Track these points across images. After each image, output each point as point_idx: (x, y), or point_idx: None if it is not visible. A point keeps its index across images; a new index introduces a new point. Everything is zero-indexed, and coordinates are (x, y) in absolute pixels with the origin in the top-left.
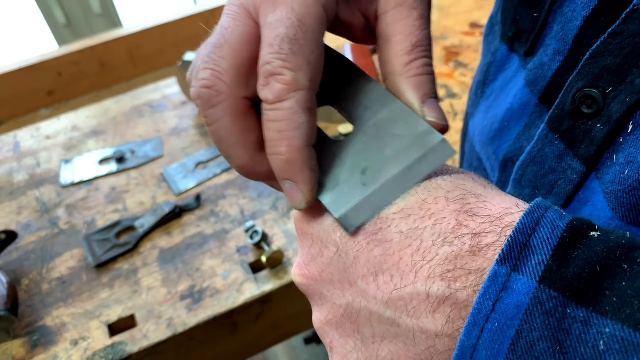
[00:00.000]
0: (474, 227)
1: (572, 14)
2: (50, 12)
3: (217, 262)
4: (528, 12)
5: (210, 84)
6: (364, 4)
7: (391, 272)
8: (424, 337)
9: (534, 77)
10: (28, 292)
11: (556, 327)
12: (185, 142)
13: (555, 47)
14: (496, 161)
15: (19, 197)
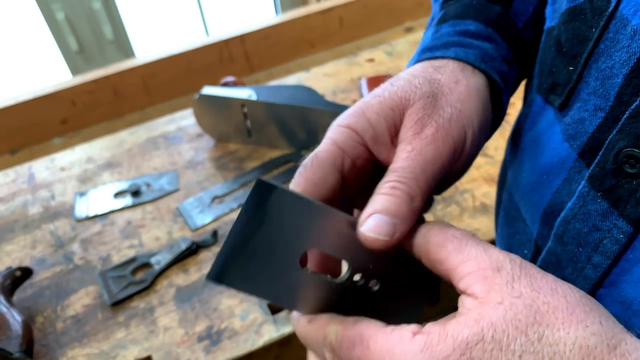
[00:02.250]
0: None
1: (610, 70)
2: (63, 38)
3: (235, 301)
4: (564, 65)
5: None
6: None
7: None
8: None
9: (574, 131)
10: (42, 330)
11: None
12: (201, 175)
13: (596, 102)
14: (537, 214)
15: (33, 231)
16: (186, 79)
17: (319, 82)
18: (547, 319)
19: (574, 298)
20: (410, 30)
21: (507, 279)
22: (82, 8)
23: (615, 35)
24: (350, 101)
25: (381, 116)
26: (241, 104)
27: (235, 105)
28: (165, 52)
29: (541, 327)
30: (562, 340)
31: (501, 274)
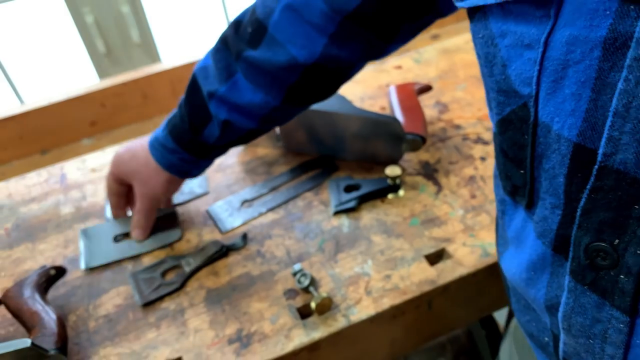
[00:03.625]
0: None
1: (552, 170)
2: (91, 41)
3: (265, 305)
4: (516, 170)
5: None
6: None
7: None
8: None
9: (542, 229)
10: (75, 329)
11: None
12: (230, 178)
13: (551, 201)
14: (540, 307)
15: (65, 230)
16: None
17: (347, 89)
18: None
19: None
20: (437, 37)
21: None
22: (111, 12)
23: (545, 140)
24: (378, 107)
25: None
26: None
27: None
28: (194, 56)
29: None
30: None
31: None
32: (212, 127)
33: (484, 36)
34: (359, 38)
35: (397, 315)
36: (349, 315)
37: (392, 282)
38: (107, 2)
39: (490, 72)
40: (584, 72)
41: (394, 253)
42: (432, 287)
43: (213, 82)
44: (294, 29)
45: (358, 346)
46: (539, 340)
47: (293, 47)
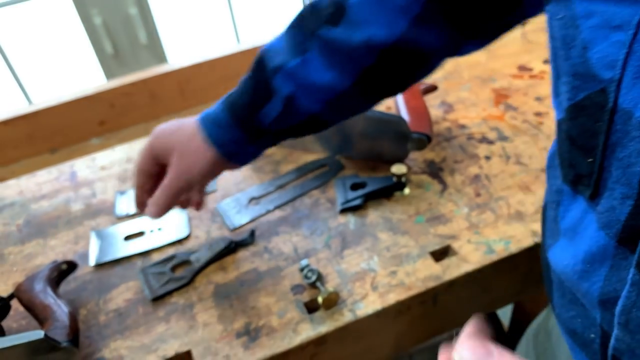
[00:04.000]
0: None
1: (628, 159)
2: (99, 42)
3: (272, 300)
4: (583, 158)
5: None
6: None
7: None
8: None
9: (607, 220)
10: (86, 322)
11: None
12: (237, 177)
13: (622, 191)
14: (592, 301)
15: (75, 227)
16: (220, 84)
17: None
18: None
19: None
20: None
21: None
22: (119, 13)
23: (624, 127)
24: (384, 107)
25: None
26: None
27: None
28: (201, 57)
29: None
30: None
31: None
32: (273, 104)
33: (564, 17)
34: (439, 26)
35: (403, 311)
36: (355, 310)
37: (397, 278)
38: (115, 4)
39: (567, 54)
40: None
41: (399, 250)
42: (437, 283)
43: (282, 57)
44: (376, 8)
45: (364, 341)
46: (582, 337)
47: (373, 27)
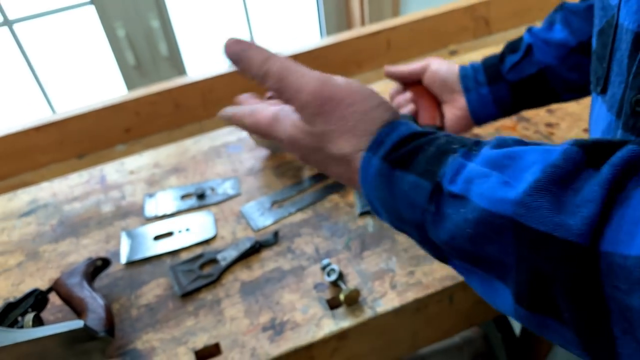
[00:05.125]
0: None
1: (621, 57)
2: (122, 54)
3: (296, 296)
4: (599, 65)
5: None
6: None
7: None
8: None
9: (611, 103)
10: (119, 316)
11: (389, 182)
12: (261, 182)
13: (619, 79)
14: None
15: (106, 227)
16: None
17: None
18: (326, 139)
19: (349, 125)
20: (455, 53)
21: (309, 115)
22: (142, 26)
23: (620, 36)
24: None
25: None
26: None
27: None
28: (223, 69)
29: (322, 144)
30: (331, 150)
31: (305, 110)
32: (517, 54)
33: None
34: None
35: (420, 309)
36: (375, 307)
37: (415, 277)
38: (138, 17)
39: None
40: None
41: (417, 251)
42: (453, 283)
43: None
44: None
45: (383, 337)
46: None
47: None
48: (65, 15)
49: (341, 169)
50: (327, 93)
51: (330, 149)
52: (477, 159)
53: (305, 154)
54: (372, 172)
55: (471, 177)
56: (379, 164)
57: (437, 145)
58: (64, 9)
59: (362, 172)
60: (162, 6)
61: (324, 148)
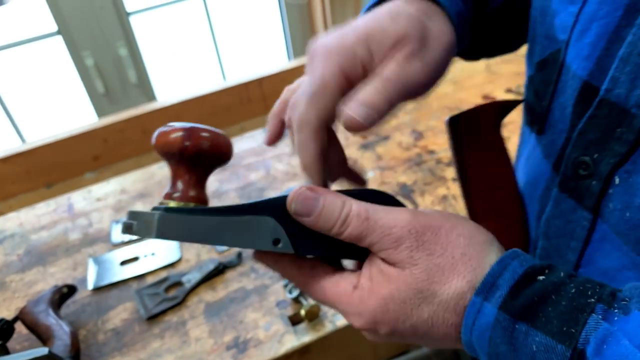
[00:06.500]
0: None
1: (565, 102)
2: (91, 82)
3: (259, 314)
4: (538, 102)
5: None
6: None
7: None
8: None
9: (548, 151)
10: (85, 342)
11: (509, 336)
12: (225, 204)
13: (560, 127)
14: (533, 216)
15: (74, 254)
16: (209, 119)
17: None
18: (436, 278)
19: (458, 254)
20: None
21: (407, 251)
22: (110, 54)
23: (565, 78)
24: (362, 136)
25: (382, 46)
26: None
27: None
28: (190, 94)
29: (432, 285)
30: (445, 292)
31: (402, 247)
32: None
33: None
34: None
35: None
36: (335, 321)
37: None
38: (106, 46)
39: (542, 21)
40: (604, 27)
41: None
42: None
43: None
44: None
45: (345, 350)
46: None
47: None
48: (33, 46)
49: (451, 319)
50: (423, 221)
51: (441, 292)
52: (626, 324)
53: (401, 319)
54: (485, 322)
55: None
56: (496, 314)
57: (568, 297)
58: (31, 40)
59: (469, 320)
60: (129, 34)
61: (432, 295)
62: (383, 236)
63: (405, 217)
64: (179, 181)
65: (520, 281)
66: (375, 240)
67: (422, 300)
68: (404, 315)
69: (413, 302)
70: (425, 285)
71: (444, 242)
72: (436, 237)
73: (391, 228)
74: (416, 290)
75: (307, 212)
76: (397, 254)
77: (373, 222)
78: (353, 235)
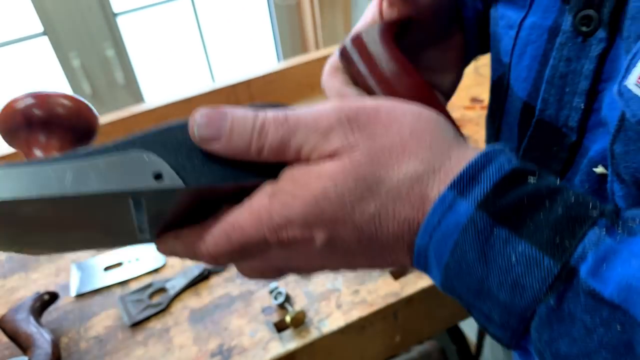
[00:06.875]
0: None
1: (511, 122)
2: (78, 84)
3: (244, 321)
4: (492, 123)
5: None
6: None
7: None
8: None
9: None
10: (67, 350)
11: (484, 242)
12: None
13: (511, 146)
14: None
15: (56, 260)
16: None
17: None
18: (383, 161)
19: (406, 132)
20: None
21: (341, 137)
22: (97, 55)
23: (511, 99)
24: None
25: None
26: None
27: None
28: (178, 96)
29: (377, 170)
30: (394, 176)
31: (332, 135)
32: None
33: (494, 17)
34: None
35: (366, 326)
36: (321, 327)
37: (360, 296)
38: (93, 47)
39: (494, 45)
40: (536, 50)
41: None
42: (397, 299)
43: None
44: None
45: (331, 357)
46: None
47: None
48: (19, 47)
49: (403, 212)
50: (354, 106)
51: (389, 177)
52: (633, 245)
53: (341, 219)
54: (455, 222)
55: (638, 288)
56: (472, 213)
57: (565, 206)
58: (16, 41)
59: (434, 218)
60: (117, 35)
61: (378, 182)
62: (309, 133)
63: (331, 106)
64: (35, 149)
65: (509, 178)
66: (300, 141)
67: (365, 191)
68: (344, 214)
69: (354, 195)
70: (367, 171)
71: (386, 122)
72: (375, 118)
73: (317, 121)
74: (357, 180)
75: (215, 135)
76: (329, 145)
77: (294, 121)
78: (275, 146)
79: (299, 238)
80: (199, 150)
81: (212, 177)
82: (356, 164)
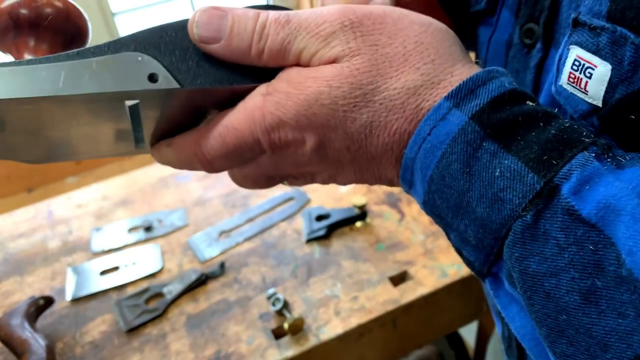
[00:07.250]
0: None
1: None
2: None
3: (241, 327)
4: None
5: None
6: None
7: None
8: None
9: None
10: (62, 355)
11: (471, 154)
12: (209, 211)
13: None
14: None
15: (52, 263)
16: None
17: None
18: (382, 70)
19: (411, 44)
20: None
21: (343, 43)
22: None
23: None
24: None
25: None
26: None
27: None
28: None
29: (375, 78)
30: (392, 86)
31: (334, 42)
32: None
33: (479, 39)
34: None
35: (364, 334)
36: (319, 334)
37: (359, 302)
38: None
39: (481, 64)
40: (499, 64)
41: (361, 276)
42: (396, 306)
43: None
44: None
45: None
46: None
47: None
48: None
49: (396, 123)
50: (359, 11)
51: (387, 86)
52: (621, 174)
53: (332, 124)
54: (446, 132)
55: (616, 207)
56: (464, 123)
57: (559, 127)
58: None
59: (425, 128)
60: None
61: (374, 91)
62: (310, 38)
63: (336, 9)
64: (25, 54)
65: (507, 95)
66: (301, 46)
67: (359, 98)
68: (335, 119)
69: (347, 102)
70: (364, 79)
71: (392, 31)
72: (381, 25)
73: (319, 26)
74: (352, 86)
75: (216, 36)
76: (330, 50)
77: (296, 24)
78: (275, 49)
79: (290, 140)
80: (194, 51)
81: (208, 79)
82: (354, 71)
